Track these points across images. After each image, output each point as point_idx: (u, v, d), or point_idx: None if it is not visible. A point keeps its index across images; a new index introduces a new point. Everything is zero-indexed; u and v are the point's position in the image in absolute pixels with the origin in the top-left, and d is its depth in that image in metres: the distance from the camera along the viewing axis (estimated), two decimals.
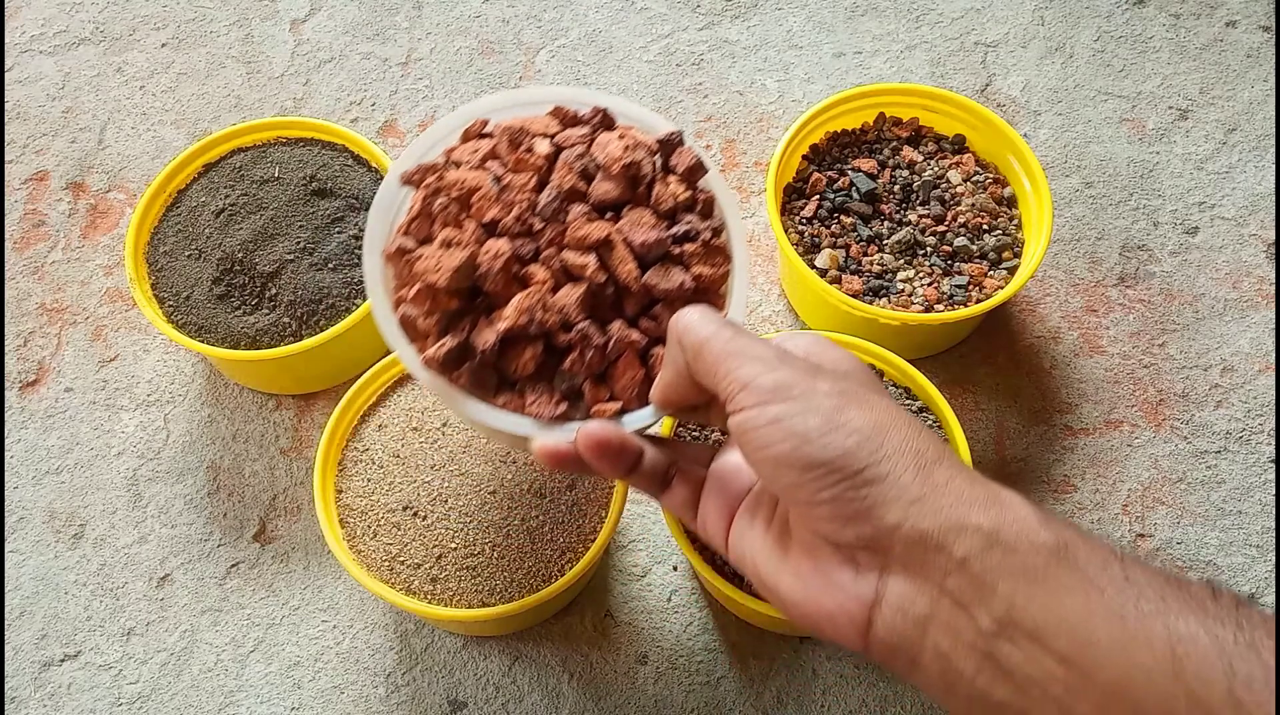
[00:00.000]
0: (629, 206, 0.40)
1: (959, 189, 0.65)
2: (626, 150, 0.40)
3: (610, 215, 0.40)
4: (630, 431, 0.37)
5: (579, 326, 0.37)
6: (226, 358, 0.59)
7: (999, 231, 0.64)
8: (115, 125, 0.76)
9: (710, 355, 0.33)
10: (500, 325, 0.37)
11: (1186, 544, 0.60)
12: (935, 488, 0.29)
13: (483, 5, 0.82)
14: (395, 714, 0.55)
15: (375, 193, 0.65)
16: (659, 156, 0.42)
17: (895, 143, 0.67)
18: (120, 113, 0.77)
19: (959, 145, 0.67)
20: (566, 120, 0.42)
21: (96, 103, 0.77)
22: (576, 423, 0.37)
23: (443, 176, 0.40)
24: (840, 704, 0.55)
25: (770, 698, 0.55)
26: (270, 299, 0.61)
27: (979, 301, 0.61)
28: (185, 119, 0.77)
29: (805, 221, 0.65)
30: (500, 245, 0.37)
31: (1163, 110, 0.76)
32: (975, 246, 0.63)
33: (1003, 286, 0.61)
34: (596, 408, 0.38)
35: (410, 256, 0.39)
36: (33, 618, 0.58)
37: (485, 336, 0.37)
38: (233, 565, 0.60)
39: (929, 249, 0.63)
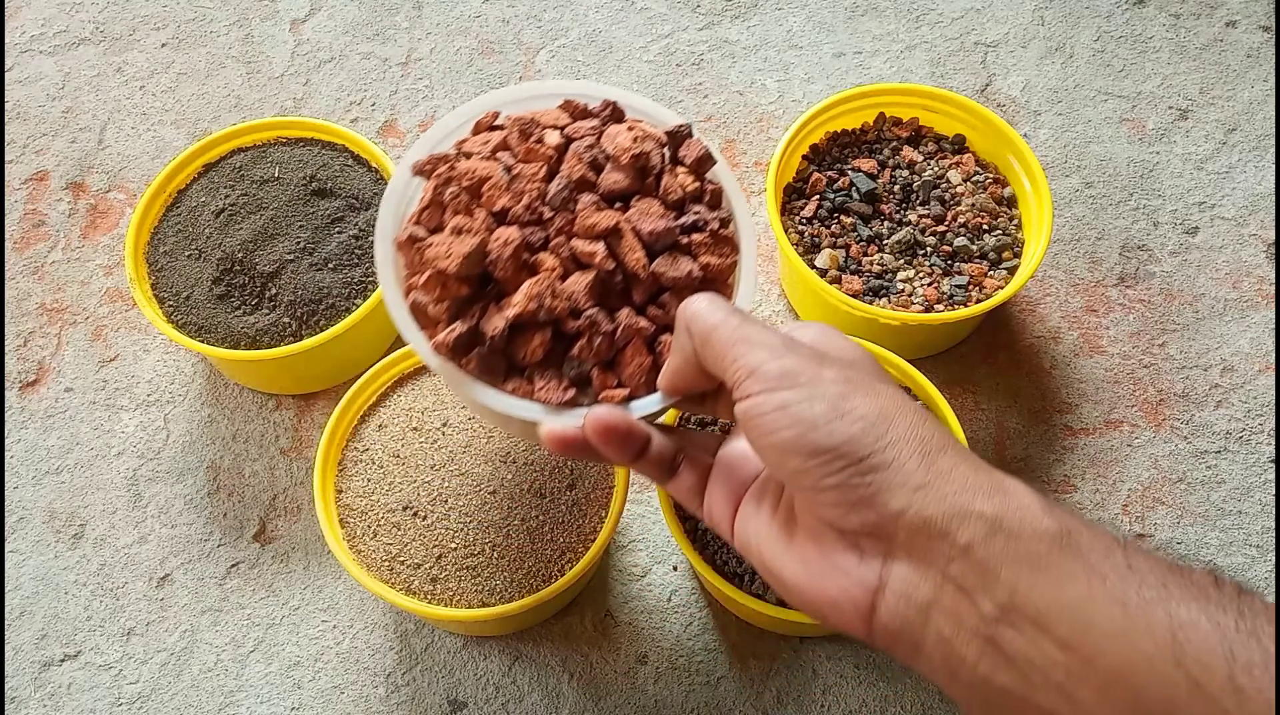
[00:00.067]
0: (638, 197, 0.40)
1: (959, 189, 0.65)
2: (636, 142, 0.40)
3: (619, 205, 0.40)
4: (637, 417, 0.37)
5: (587, 313, 0.38)
6: (226, 358, 0.59)
7: (999, 231, 0.64)
8: (115, 125, 0.76)
9: (718, 342, 0.33)
10: (510, 312, 0.37)
11: (1186, 544, 0.60)
12: (939, 475, 0.29)
13: (483, 5, 0.82)
14: (395, 714, 0.55)
15: (375, 193, 0.65)
16: (668, 148, 0.42)
17: (895, 143, 0.67)
18: (120, 113, 0.77)
19: (959, 145, 0.67)
20: (577, 113, 0.43)
21: (96, 103, 0.77)
22: (584, 408, 0.38)
23: (454, 166, 0.40)
24: (840, 704, 0.55)
25: (770, 698, 0.55)
26: (270, 299, 0.61)
27: (979, 301, 0.61)
28: (185, 119, 0.77)
29: (805, 221, 0.65)
30: (510, 233, 0.38)
31: (1163, 110, 0.76)
32: (975, 246, 0.63)
33: (1003, 286, 0.61)
34: (604, 394, 0.38)
35: (421, 244, 0.39)
36: (33, 618, 0.58)
37: (495, 323, 0.37)
38: (233, 565, 0.60)
39: (929, 249, 0.63)
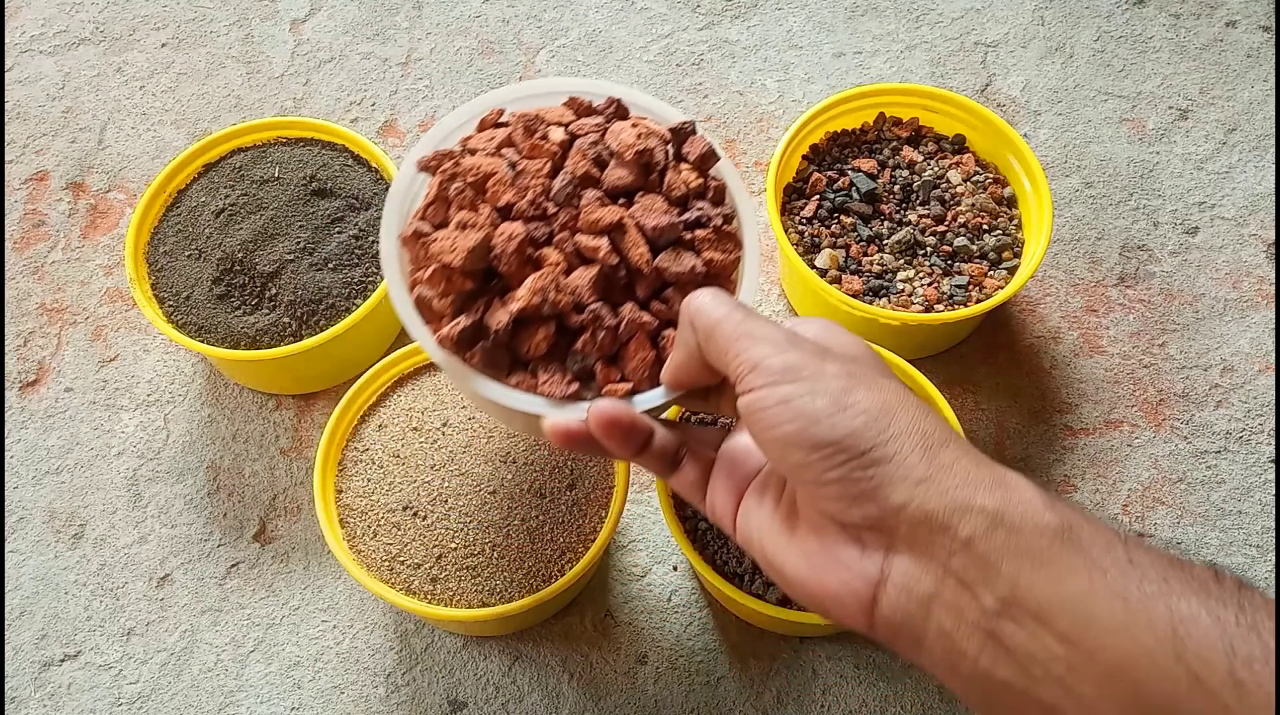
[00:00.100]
0: (641, 193, 0.40)
1: (959, 189, 0.65)
2: (640, 138, 0.40)
3: (623, 201, 0.40)
4: (640, 411, 0.37)
5: (591, 308, 0.38)
6: (226, 358, 0.59)
7: (999, 231, 0.64)
8: (115, 125, 0.76)
9: (722, 337, 0.33)
10: (514, 306, 0.37)
11: (1186, 544, 0.60)
12: (941, 469, 0.29)
13: (483, 5, 0.82)
14: (395, 714, 0.55)
15: (375, 193, 0.65)
16: (671, 145, 0.42)
17: (895, 143, 0.67)
18: (120, 113, 0.77)
19: (959, 145, 0.67)
20: (581, 110, 0.43)
21: (96, 103, 0.77)
22: (588, 402, 0.38)
23: (459, 163, 0.40)
24: (840, 704, 0.55)
25: (770, 698, 0.55)
26: (270, 299, 0.61)
27: (979, 301, 0.61)
28: (185, 119, 0.77)
29: (805, 221, 0.65)
30: (514, 227, 0.38)
31: (1163, 110, 0.76)
32: (975, 246, 0.63)
33: (1003, 286, 0.61)
34: (608, 388, 0.38)
35: (426, 239, 0.39)
36: (33, 618, 0.58)
37: (499, 316, 0.38)
38: (233, 565, 0.60)
39: (929, 249, 0.63)
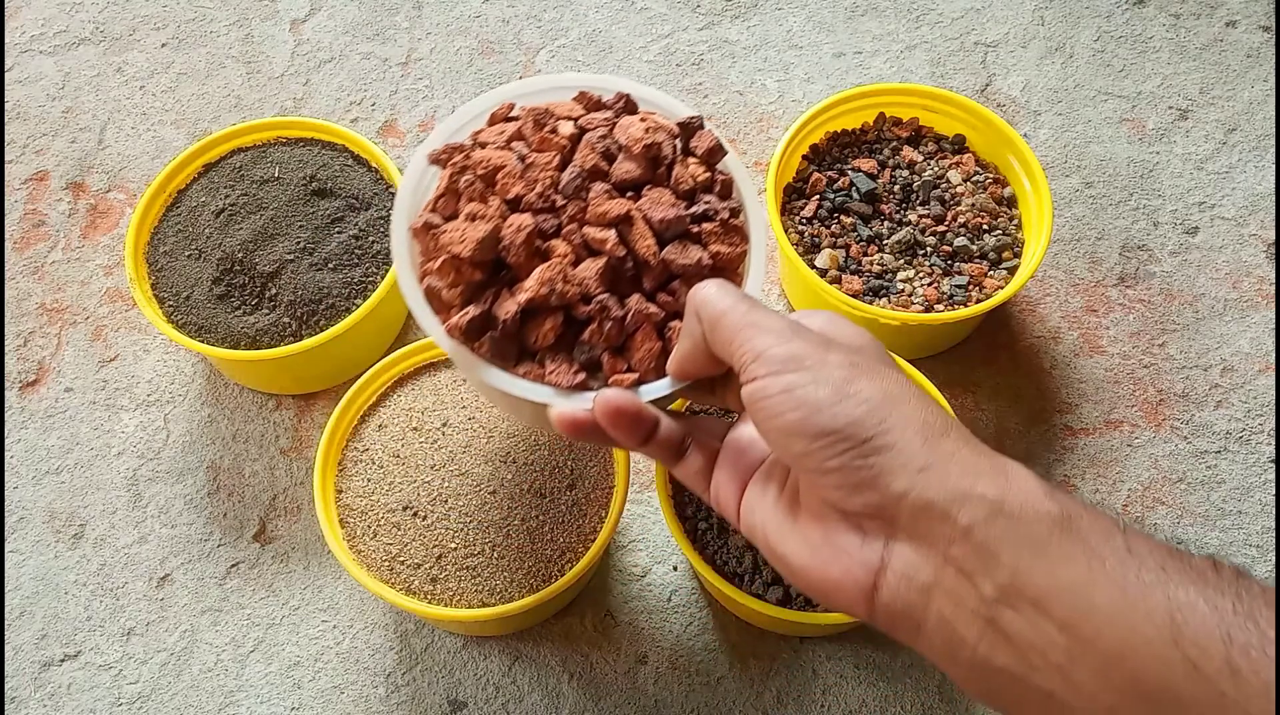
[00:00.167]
0: (649, 186, 0.41)
1: (959, 189, 0.65)
2: (648, 132, 0.40)
3: (631, 194, 0.40)
4: (646, 401, 0.37)
5: (598, 299, 0.38)
6: (226, 358, 0.59)
7: (999, 231, 0.64)
8: (115, 125, 0.76)
9: (726, 327, 0.33)
10: (522, 296, 0.38)
11: (1186, 544, 0.60)
12: (942, 457, 0.29)
13: (483, 5, 0.82)
14: (395, 714, 0.55)
15: (375, 193, 0.65)
16: (679, 139, 0.42)
17: (895, 143, 0.67)
18: (120, 113, 0.77)
19: (959, 145, 0.67)
20: (590, 104, 0.43)
21: (96, 103, 0.77)
22: (594, 391, 0.38)
23: (469, 155, 0.41)
24: (840, 704, 0.55)
25: (770, 698, 0.55)
26: (270, 299, 0.61)
27: (979, 301, 0.61)
28: (185, 119, 0.77)
29: (805, 221, 0.65)
30: (523, 219, 0.38)
31: (1163, 110, 0.76)
32: (975, 246, 0.63)
33: (1003, 286, 0.61)
34: (614, 378, 0.39)
35: (436, 231, 0.40)
36: (33, 618, 0.58)
37: (507, 307, 0.38)
38: (233, 565, 0.60)
39: (929, 249, 0.63)
